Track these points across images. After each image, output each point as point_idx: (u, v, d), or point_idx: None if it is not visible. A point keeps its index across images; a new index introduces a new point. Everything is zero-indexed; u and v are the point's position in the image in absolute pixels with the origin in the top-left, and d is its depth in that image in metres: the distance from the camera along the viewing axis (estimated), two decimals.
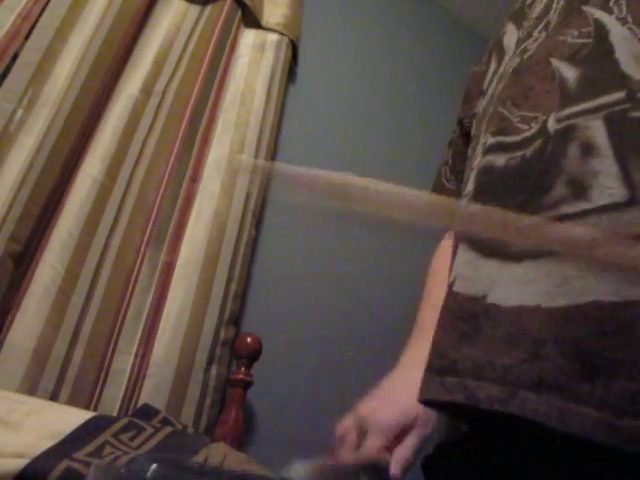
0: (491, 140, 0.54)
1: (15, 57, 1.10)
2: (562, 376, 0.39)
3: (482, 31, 2.00)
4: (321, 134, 1.61)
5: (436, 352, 0.48)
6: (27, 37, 1.12)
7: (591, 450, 0.37)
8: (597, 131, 0.44)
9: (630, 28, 0.48)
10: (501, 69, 0.63)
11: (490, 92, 0.63)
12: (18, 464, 0.70)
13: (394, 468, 0.64)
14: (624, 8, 0.49)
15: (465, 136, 0.79)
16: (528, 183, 0.47)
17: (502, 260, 0.46)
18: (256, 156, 1.38)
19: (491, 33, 0.80)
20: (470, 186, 0.56)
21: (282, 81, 1.51)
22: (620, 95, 0.45)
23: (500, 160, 0.51)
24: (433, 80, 1.92)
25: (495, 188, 0.51)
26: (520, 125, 0.51)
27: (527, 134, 0.49)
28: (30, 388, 0.97)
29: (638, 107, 0.44)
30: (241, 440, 1.15)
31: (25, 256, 1.04)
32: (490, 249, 0.48)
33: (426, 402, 0.48)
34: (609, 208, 0.42)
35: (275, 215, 1.46)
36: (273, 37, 1.52)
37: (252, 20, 1.52)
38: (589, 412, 0.37)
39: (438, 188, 0.87)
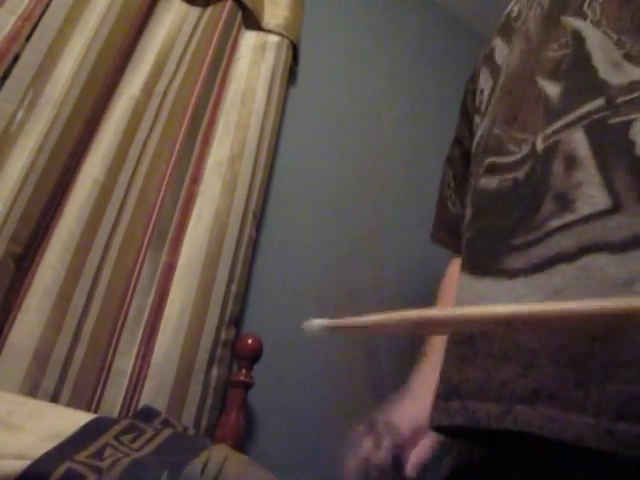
0: (487, 160, 0.54)
1: (16, 58, 1.10)
2: (555, 385, 0.39)
3: (482, 31, 2.00)
4: (322, 135, 1.61)
5: (442, 379, 0.49)
6: (28, 38, 1.12)
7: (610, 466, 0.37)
8: (579, 142, 0.45)
9: (605, 31, 0.48)
10: (496, 87, 0.63)
11: (489, 112, 0.63)
12: (19, 466, 0.70)
13: (410, 468, 0.64)
14: (598, 10, 0.49)
15: (465, 157, 0.79)
16: (520, 205, 0.48)
17: (495, 278, 0.47)
18: (257, 157, 1.38)
19: (491, 33, 0.80)
20: (469, 210, 0.56)
21: (283, 82, 1.51)
22: (600, 102, 0.45)
23: (492, 183, 0.51)
24: (434, 80, 1.92)
25: (489, 210, 0.51)
26: (511, 147, 0.51)
27: (518, 156, 0.50)
28: (31, 389, 0.97)
29: (617, 113, 0.43)
30: (242, 441, 1.15)
31: (26, 257, 1.04)
32: (484, 269, 0.48)
33: (436, 429, 0.49)
34: (593, 217, 0.42)
35: (276, 216, 1.46)
36: (273, 39, 1.52)
37: (252, 22, 1.52)
38: (584, 419, 0.36)
39: (444, 212, 0.87)
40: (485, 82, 0.67)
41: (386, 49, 1.87)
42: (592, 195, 0.42)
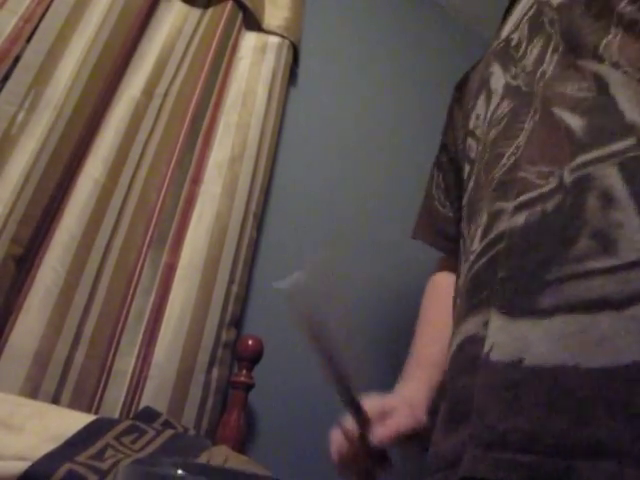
0: (510, 205, 0.52)
1: (17, 60, 1.10)
2: (617, 440, 0.37)
3: (483, 32, 2.00)
4: (322, 136, 1.61)
5: (483, 425, 0.46)
6: (29, 40, 1.12)
7: None
8: (614, 180, 0.45)
9: (625, 71, 0.48)
10: (489, 114, 0.63)
11: (483, 140, 0.62)
12: (20, 467, 0.70)
13: (376, 439, 0.65)
14: (616, 52, 0.49)
15: (452, 162, 0.79)
16: (551, 237, 0.47)
17: (532, 318, 0.45)
18: (257, 158, 1.38)
19: (492, 35, 0.80)
20: (477, 244, 0.55)
21: (283, 83, 1.51)
22: (630, 142, 0.45)
23: (520, 218, 0.50)
24: (435, 81, 1.92)
25: (519, 246, 0.50)
26: (537, 181, 0.50)
27: (545, 189, 0.49)
28: (32, 390, 0.97)
29: None
30: (242, 442, 1.15)
31: (27, 258, 1.04)
32: (520, 309, 0.47)
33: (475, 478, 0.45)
34: (637, 264, 0.41)
35: (276, 217, 1.46)
36: (274, 40, 1.52)
37: (253, 23, 1.52)
38: None
39: (433, 213, 0.87)
40: (481, 107, 0.66)
41: (387, 50, 1.87)
42: (636, 239, 0.42)
